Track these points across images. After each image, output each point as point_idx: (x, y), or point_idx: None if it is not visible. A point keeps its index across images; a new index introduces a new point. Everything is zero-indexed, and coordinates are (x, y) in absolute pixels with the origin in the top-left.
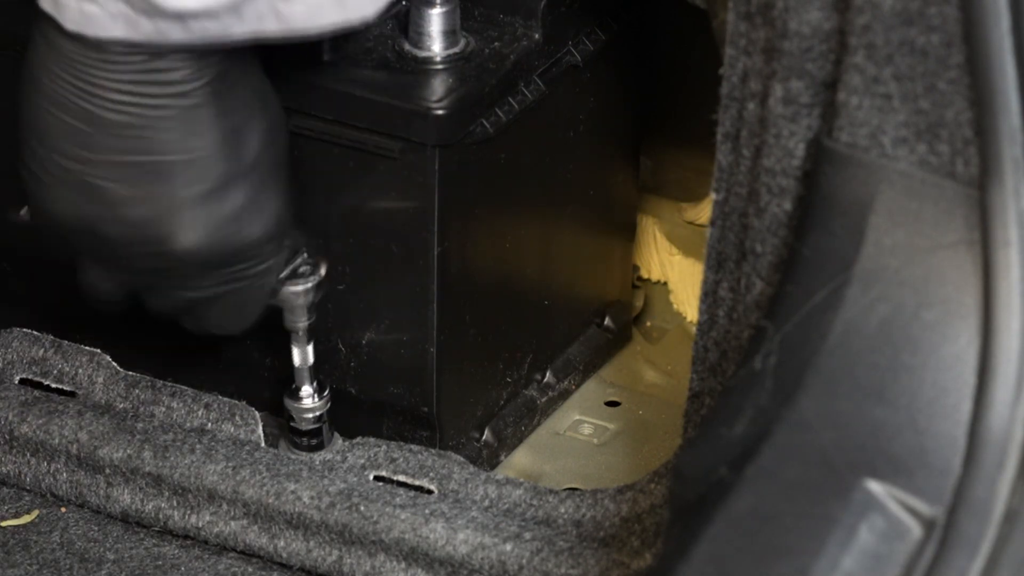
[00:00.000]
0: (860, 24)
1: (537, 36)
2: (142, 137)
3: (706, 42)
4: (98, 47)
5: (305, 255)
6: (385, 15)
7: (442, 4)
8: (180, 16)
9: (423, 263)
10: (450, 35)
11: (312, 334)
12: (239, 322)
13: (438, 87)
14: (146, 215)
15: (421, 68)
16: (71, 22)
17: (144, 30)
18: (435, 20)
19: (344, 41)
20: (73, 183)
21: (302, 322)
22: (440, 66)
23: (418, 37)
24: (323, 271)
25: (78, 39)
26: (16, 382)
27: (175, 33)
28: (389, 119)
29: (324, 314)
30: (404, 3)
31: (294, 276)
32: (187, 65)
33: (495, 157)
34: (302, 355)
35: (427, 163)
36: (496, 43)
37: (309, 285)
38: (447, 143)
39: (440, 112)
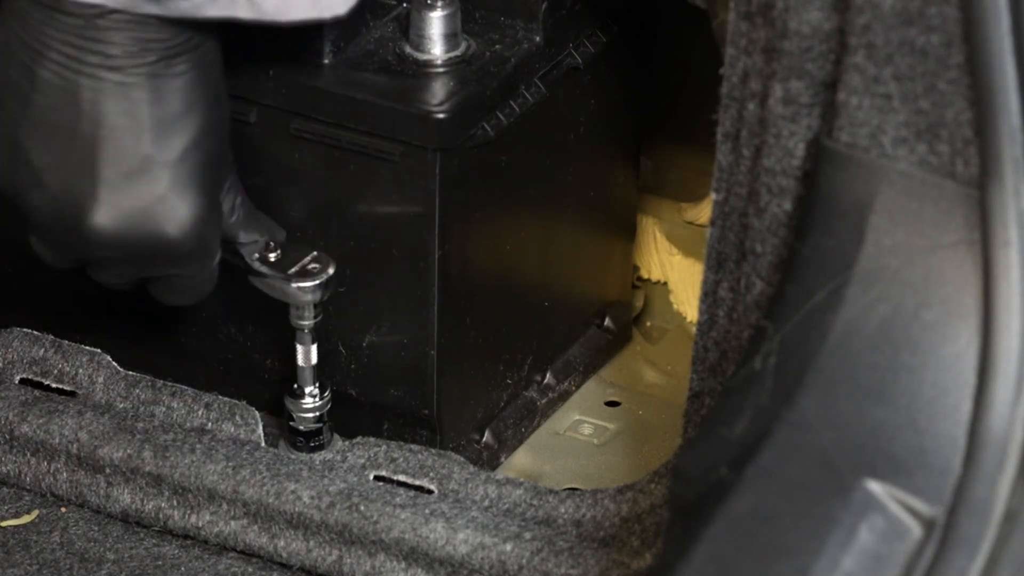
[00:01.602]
0: (860, 24)
1: (538, 39)
2: (71, 104)
3: (706, 42)
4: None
5: (314, 253)
6: (356, 11)
7: (443, 7)
8: None
9: (424, 266)
10: (451, 38)
11: (317, 333)
12: (187, 301)
13: (439, 90)
14: (64, 186)
15: (422, 71)
16: None
17: None
18: (436, 23)
19: (345, 44)
20: (5, 142)
21: (308, 320)
22: (441, 69)
23: (419, 40)
24: (331, 270)
25: None
26: (16, 382)
27: (147, 4)
28: (390, 122)
29: (325, 316)
30: (405, 5)
31: (302, 274)
32: (128, 41)
33: (496, 160)
34: (306, 354)
35: (428, 166)
36: (497, 46)
37: (316, 283)
38: (448, 147)
39: (441, 116)
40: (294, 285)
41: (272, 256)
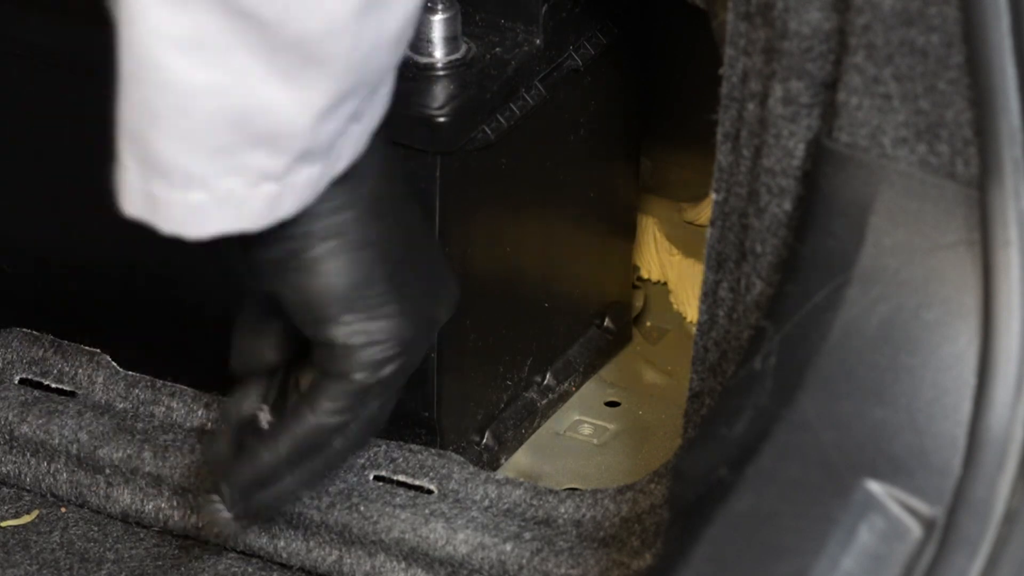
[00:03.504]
0: (860, 24)
1: (538, 41)
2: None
3: (706, 42)
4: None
5: None
6: None
7: (443, 10)
8: (306, 155)
9: None
10: (451, 41)
11: None
12: None
13: (439, 94)
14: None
15: (422, 75)
16: (170, 222)
17: (253, 209)
18: (436, 26)
19: None
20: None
21: None
22: (441, 72)
23: (419, 43)
24: None
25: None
26: (16, 382)
27: (286, 201)
28: (390, 126)
29: None
30: None
31: None
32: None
33: (496, 163)
34: None
35: (428, 170)
36: (497, 48)
37: None
38: (448, 150)
39: (442, 119)
40: None
41: None
